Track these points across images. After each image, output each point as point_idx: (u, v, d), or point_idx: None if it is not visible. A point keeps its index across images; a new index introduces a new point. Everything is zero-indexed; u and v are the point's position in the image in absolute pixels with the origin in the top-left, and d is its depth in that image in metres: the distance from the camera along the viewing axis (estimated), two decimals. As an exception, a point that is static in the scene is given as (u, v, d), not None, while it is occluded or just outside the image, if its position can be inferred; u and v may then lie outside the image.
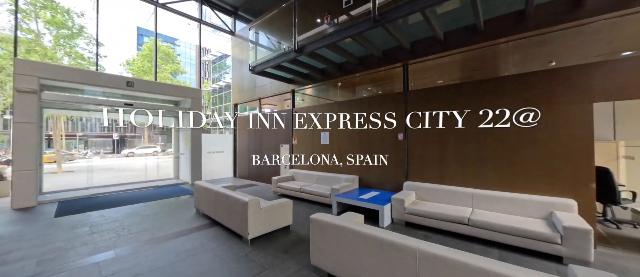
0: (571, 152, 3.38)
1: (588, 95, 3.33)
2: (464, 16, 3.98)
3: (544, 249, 2.95)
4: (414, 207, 3.98)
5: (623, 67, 3.17)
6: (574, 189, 3.33)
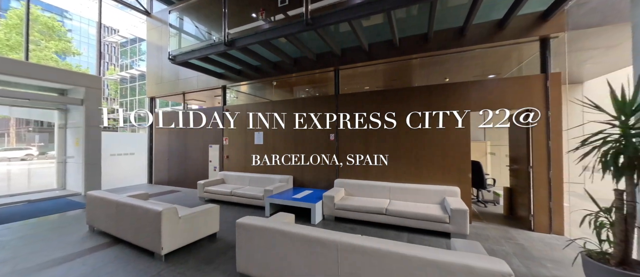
0: (456, 150, 4.30)
1: (467, 105, 4.30)
2: (384, 32, 4.53)
3: (439, 228, 3.65)
4: (343, 202, 4.29)
5: (489, 86, 4.24)
6: (458, 179, 4.26)
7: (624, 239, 2.17)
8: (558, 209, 3.67)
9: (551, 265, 2.82)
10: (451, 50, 4.42)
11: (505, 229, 3.96)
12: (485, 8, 3.76)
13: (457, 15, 4.02)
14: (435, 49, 4.48)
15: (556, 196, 3.69)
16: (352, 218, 4.23)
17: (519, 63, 5.13)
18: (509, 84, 4.07)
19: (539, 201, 3.78)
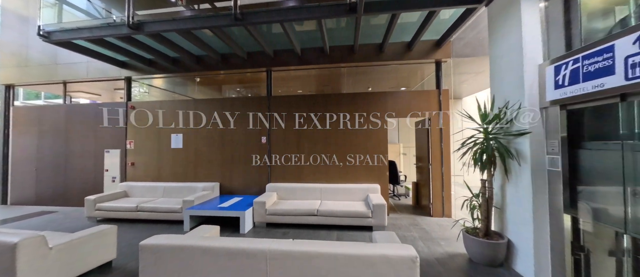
0: (376, 151, 4.86)
1: (384, 112, 4.93)
2: (316, 39, 4.70)
3: (364, 223, 4.01)
4: (275, 207, 4.17)
5: (401, 96, 4.98)
6: (378, 177, 4.82)
7: (486, 216, 2.92)
8: (448, 197, 4.64)
9: (444, 242, 3.52)
10: (373, 63, 4.98)
11: (413, 217, 4.72)
12: (398, 31, 4.41)
13: (378, 33, 4.57)
14: (360, 60, 4.95)
15: (446, 187, 4.65)
16: (285, 222, 4.17)
17: (422, 79, 6.27)
18: (415, 96, 4.90)
19: (435, 192, 4.68)
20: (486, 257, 2.83)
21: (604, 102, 2.05)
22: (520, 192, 2.68)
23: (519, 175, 2.70)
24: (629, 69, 1.78)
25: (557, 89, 2.35)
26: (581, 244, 2.36)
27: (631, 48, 1.76)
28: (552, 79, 2.40)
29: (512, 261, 2.79)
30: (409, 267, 1.81)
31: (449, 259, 3.05)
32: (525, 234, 2.61)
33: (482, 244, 2.83)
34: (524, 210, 2.62)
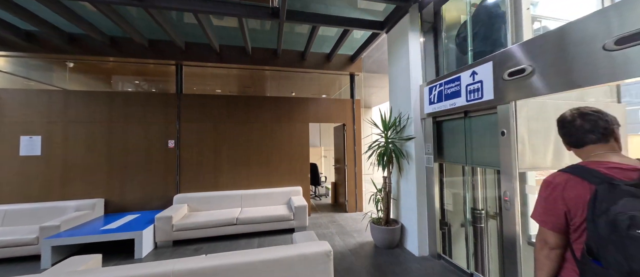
0: (299, 155, 5.03)
1: (307, 118, 5.18)
2: (237, 37, 4.45)
3: (286, 226, 4.05)
4: (185, 221, 3.65)
5: (322, 103, 5.34)
6: (300, 179, 4.99)
7: (387, 207, 3.50)
8: (360, 194, 5.29)
9: (356, 234, 3.98)
10: (296, 69, 5.15)
11: (331, 215, 5.12)
12: (319, 42, 4.75)
13: (301, 41, 4.77)
14: (283, 65, 5.02)
15: (359, 185, 5.29)
16: (198, 237, 3.70)
17: (340, 88, 6.94)
18: (334, 103, 5.38)
19: (350, 190, 5.25)
20: (386, 241, 3.39)
21: (455, 116, 2.85)
22: (409, 185, 3.36)
23: (408, 171, 3.38)
24: (468, 94, 2.55)
25: (430, 105, 3.10)
26: (446, 221, 3.18)
27: (469, 79, 2.53)
28: (427, 97, 3.15)
29: (404, 241, 3.46)
30: (323, 262, 1.96)
31: (360, 248, 3.48)
32: (412, 218, 3.29)
33: (383, 231, 3.37)
34: (411, 199, 3.30)
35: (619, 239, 0.78)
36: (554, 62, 1.79)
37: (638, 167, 0.91)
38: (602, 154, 0.99)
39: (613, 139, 1.00)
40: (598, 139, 1.00)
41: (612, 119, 1.01)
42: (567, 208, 0.96)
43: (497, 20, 2.57)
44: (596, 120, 1.01)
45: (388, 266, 2.95)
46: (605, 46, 1.51)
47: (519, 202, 2.10)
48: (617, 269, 0.78)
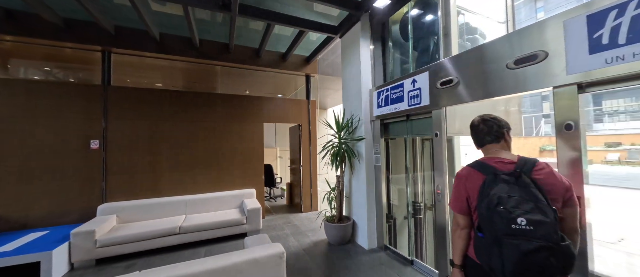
0: (253, 155, 4.83)
1: (261, 117, 5.02)
2: (182, 26, 4.04)
3: (238, 230, 3.84)
4: (113, 235, 3.13)
5: (277, 103, 5.24)
6: (254, 181, 4.80)
7: (340, 205, 3.63)
8: (315, 193, 5.37)
9: (311, 233, 4.02)
10: (250, 66, 4.94)
11: (286, 216, 5.07)
12: (274, 40, 4.67)
13: (255, 38, 4.59)
14: (236, 61, 4.76)
15: (314, 184, 5.37)
16: (131, 252, 3.22)
17: (296, 89, 6.94)
18: (290, 104, 5.34)
19: (305, 189, 5.28)
20: (339, 238, 3.52)
21: (399, 119, 3.15)
22: (360, 183, 3.56)
23: (359, 170, 3.59)
24: (410, 99, 2.84)
25: (378, 108, 3.35)
26: (391, 215, 3.47)
27: (410, 86, 2.82)
28: (376, 100, 3.40)
29: (355, 236, 3.65)
30: (276, 264, 1.93)
31: (314, 246, 3.53)
32: (362, 214, 3.49)
33: (336, 228, 3.49)
34: (362, 196, 3.50)
35: (490, 213, 1.02)
36: (474, 75, 2.14)
37: (514, 161, 1.15)
38: (495, 151, 1.25)
39: (503, 140, 1.26)
40: (493, 140, 1.25)
41: (504, 124, 1.27)
42: (467, 194, 1.19)
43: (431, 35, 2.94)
44: (492, 125, 1.26)
45: (340, 261, 3.07)
46: (508, 65, 1.87)
47: (448, 194, 2.44)
48: (489, 237, 1.04)
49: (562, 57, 1.59)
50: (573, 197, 1.08)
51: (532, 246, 0.92)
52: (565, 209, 1.07)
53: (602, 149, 16.33)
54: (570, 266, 0.97)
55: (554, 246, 0.92)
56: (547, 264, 0.93)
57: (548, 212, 0.95)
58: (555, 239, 0.93)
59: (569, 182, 1.10)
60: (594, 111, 23.59)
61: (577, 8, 1.54)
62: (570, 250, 0.96)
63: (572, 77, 1.55)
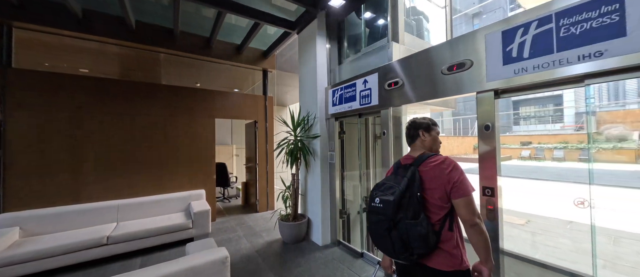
0: (203, 154, 4.46)
1: (214, 113, 4.66)
2: (111, 4, 3.46)
3: (183, 236, 3.50)
4: (12, 253, 2.53)
5: (232, 98, 4.93)
6: (204, 181, 4.44)
7: (295, 203, 3.60)
8: (271, 192, 5.23)
9: (265, 234, 3.90)
10: (199, 56, 4.52)
11: (241, 217, 4.83)
12: (228, 30, 4.36)
13: (206, 26, 4.22)
14: (183, 49, 4.31)
15: (271, 182, 5.23)
16: (40, 271, 2.65)
17: (253, 84, 6.65)
18: (246, 99, 5.07)
19: (261, 188, 5.11)
20: (294, 236, 3.48)
21: (352, 116, 3.25)
22: (315, 180, 3.57)
23: (315, 167, 3.60)
24: (361, 99, 2.94)
25: (333, 106, 3.40)
26: (345, 211, 3.58)
27: (362, 86, 2.92)
28: (331, 98, 3.44)
29: (310, 234, 3.66)
30: (218, 271, 1.79)
31: (268, 247, 3.43)
32: (317, 211, 3.52)
33: (291, 226, 3.45)
34: (317, 193, 3.53)
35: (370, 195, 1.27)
36: (416, 78, 2.31)
37: (414, 157, 1.30)
38: (411, 149, 1.40)
39: (418, 139, 1.37)
40: (411, 140, 1.40)
41: (419, 125, 1.37)
42: None
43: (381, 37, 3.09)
44: (410, 128, 1.40)
45: (293, 260, 3.03)
46: (442, 71, 2.06)
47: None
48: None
49: (484, 66, 1.81)
50: (458, 189, 1.13)
51: (376, 219, 1.18)
52: (453, 200, 1.15)
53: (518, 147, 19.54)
54: (415, 241, 1.11)
55: (391, 221, 1.13)
56: (389, 236, 1.14)
57: (396, 193, 1.15)
58: (394, 215, 1.13)
59: (459, 177, 1.15)
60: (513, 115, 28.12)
61: (496, 24, 1.77)
62: (412, 228, 1.11)
63: (491, 84, 1.78)
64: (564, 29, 1.46)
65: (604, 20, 1.32)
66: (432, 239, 1.13)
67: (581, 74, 1.42)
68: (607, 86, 19.42)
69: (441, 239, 1.16)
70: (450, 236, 1.16)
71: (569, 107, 23.05)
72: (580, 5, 1.41)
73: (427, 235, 1.11)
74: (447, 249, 1.15)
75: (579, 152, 15.29)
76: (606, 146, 14.76)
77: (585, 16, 1.39)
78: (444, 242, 1.16)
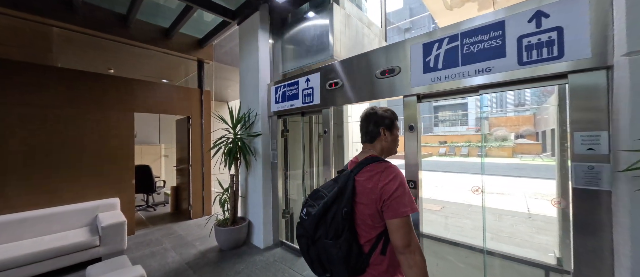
0: (117, 155, 3.71)
1: (133, 105, 3.93)
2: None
3: (87, 256, 2.83)
4: None
5: (157, 89, 4.24)
6: (119, 188, 3.70)
7: (234, 206, 3.35)
8: (208, 195, 4.75)
9: (199, 242, 3.51)
10: (111, 36, 3.73)
11: (169, 226, 4.23)
12: (152, 9, 3.75)
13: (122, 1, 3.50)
14: (87, 25, 3.48)
15: (207, 185, 4.75)
16: None
17: (186, 75, 5.91)
18: (177, 92, 4.45)
19: (195, 192, 4.58)
20: (232, 242, 3.25)
21: (295, 114, 3.22)
22: (256, 180, 3.41)
23: (256, 167, 3.43)
24: (304, 97, 2.94)
25: (276, 104, 3.31)
26: (288, 210, 3.53)
27: (304, 85, 2.93)
28: (274, 96, 3.34)
29: (251, 237, 3.48)
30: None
31: (201, 257, 3.09)
32: (258, 213, 3.36)
33: (229, 232, 3.20)
34: (258, 194, 3.37)
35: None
36: (355, 81, 2.44)
37: (359, 159, 1.08)
38: (363, 148, 1.16)
39: (378, 140, 1.12)
40: (370, 139, 1.13)
41: (381, 121, 1.11)
42: None
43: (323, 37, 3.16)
44: (368, 122, 1.13)
45: (232, 267, 2.82)
46: (376, 75, 2.24)
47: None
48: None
49: (409, 73, 2.04)
50: (389, 207, 0.92)
51: (298, 233, 1.05)
52: (385, 219, 0.94)
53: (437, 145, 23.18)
54: (331, 264, 0.95)
55: (311, 237, 0.99)
56: (307, 254, 1.02)
57: (319, 206, 0.97)
58: (314, 232, 0.97)
59: (395, 192, 0.93)
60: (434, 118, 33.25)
61: (419, 37, 2.02)
62: (329, 249, 0.94)
63: (414, 90, 2.02)
64: (466, 46, 1.77)
65: (492, 42, 1.66)
66: (354, 262, 0.95)
67: (477, 85, 1.74)
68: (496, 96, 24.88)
69: (371, 262, 0.97)
70: (380, 260, 0.97)
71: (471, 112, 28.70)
72: (477, 29, 1.72)
73: (347, 258, 0.93)
74: (375, 274, 0.97)
75: (477, 149, 19.24)
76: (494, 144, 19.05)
77: (480, 38, 1.71)
78: (372, 266, 0.97)
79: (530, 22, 1.52)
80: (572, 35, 1.39)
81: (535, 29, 1.50)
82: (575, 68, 1.38)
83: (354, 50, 3.20)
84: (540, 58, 1.48)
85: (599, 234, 1.33)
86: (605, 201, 1.31)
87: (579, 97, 1.40)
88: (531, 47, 1.51)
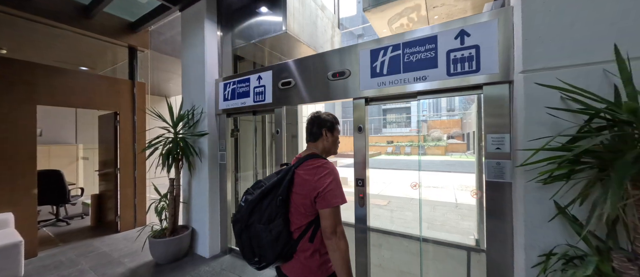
0: (13, 158, 2.93)
1: (37, 97, 3.16)
2: None
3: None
4: None
5: (74, 78, 3.49)
6: (14, 201, 2.92)
7: (173, 214, 3.00)
8: (141, 204, 4.13)
9: (128, 259, 3.02)
10: (8, 8, 2.92)
11: (88, 242, 3.53)
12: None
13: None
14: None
15: (140, 192, 4.12)
16: None
17: (114, 64, 5.05)
18: (100, 82, 3.75)
19: (125, 201, 3.94)
20: (172, 254, 2.89)
21: (246, 113, 3.06)
22: (201, 184, 3.12)
23: (201, 170, 3.13)
24: (255, 95, 2.81)
25: (224, 101, 3.08)
26: (237, 214, 3.32)
27: (256, 82, 2.80)
28: (222, 93, 3.11)
29: (195, 247, 3.16)
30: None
31: (131, 276, 2.66)
32: (203, 219, 3.08)
33: (167, 243, 2.84)
34: (203, 198, 3.09)
35: None
36: (308, 81, 2.44)
37: (301, 156, 1.19)
38: (307, 147, 1.28)
39: (320, 139, 1.25)
40: (314, 139, 1.25)
41: (323, 123, 1.24)
42: None
43: (279, 37, 3.08)
44: (313, 124, 1.25)
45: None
46: (328, 76, 2.28)
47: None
48: None
49: (358, 77, 2.14)
50: (323, 198, 1.03)
51: (234, 218, 1.13)
52: (318, 209, 1.06)
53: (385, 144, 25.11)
54: (261, 248, 1.05)
55: (244, 222, 1.08)
56: (240, 239, 1.10)
57: (256, 194, 1.09)
58: (249, 217, 1.07)
59: (329, 186, 1.04)
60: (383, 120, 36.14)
61: (367, 43, 2.13)
62: (261, 233, 1.04)
63: (363, 93, 2.12)
64: (407, 56, 1.94)
65: (427, 54, 1.86)
66: (282, 246, 1.05)
67: (416, 91, 1.93)
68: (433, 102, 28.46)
69: (298, 248, 1.08)
70: (307, 247, 1.07)
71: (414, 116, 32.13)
72: (415, 40, 1.91)
73: (275, 241, 1.03)
74: (301, 259, 1.07)
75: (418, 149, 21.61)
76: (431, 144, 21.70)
77: (418, 49, 1.90)
78: (299, 252, 1.08)
79: (456, 39, 1.75)
80: (486, 53, 1.65)
81: (460, 45, 1.74)
82: (488, 81, 1.65)
83: (306, 29, 3.17)
84: (463, 70, 1.72)
85: (504, 218, 1.62)
86: (508, 192, 1.60)
87: (490, 105, 1.68)
88: (457, 60, 1.75)
